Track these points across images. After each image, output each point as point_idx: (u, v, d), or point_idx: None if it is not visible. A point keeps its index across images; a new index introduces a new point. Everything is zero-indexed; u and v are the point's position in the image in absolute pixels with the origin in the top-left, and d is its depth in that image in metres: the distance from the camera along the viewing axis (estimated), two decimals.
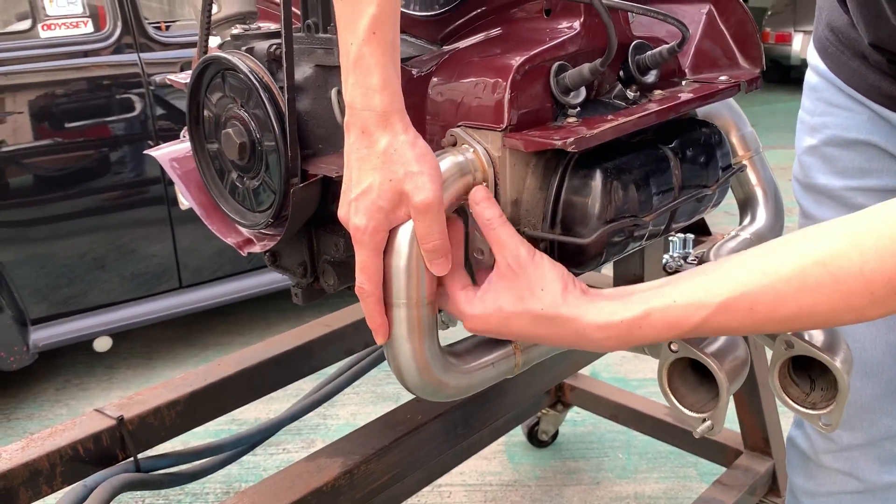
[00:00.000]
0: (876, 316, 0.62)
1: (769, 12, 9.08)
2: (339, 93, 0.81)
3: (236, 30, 0.97)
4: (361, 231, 0.70)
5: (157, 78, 2.75)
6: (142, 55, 2.76)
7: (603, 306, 0.69)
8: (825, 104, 1.09)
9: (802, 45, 8.31)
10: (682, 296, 0.66)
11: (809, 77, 1.13)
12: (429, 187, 0.68)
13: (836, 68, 1.06)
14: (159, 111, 2.81)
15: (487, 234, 0.73)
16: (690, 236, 1.11)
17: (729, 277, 0.65)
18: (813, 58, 1.12)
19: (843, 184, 1.07)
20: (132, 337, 3.18)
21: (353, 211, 0.71)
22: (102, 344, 2.85)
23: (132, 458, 1.14)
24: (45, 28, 2.67)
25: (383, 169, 0.69)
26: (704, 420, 0.80)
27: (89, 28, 2.72)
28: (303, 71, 0.90)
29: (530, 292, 0.70)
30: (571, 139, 0.69)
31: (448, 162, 0.73)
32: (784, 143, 2.34)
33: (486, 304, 0.72)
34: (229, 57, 0.89)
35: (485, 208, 0.72)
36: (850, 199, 1.07)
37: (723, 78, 0.88)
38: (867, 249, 0.59)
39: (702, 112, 0.97)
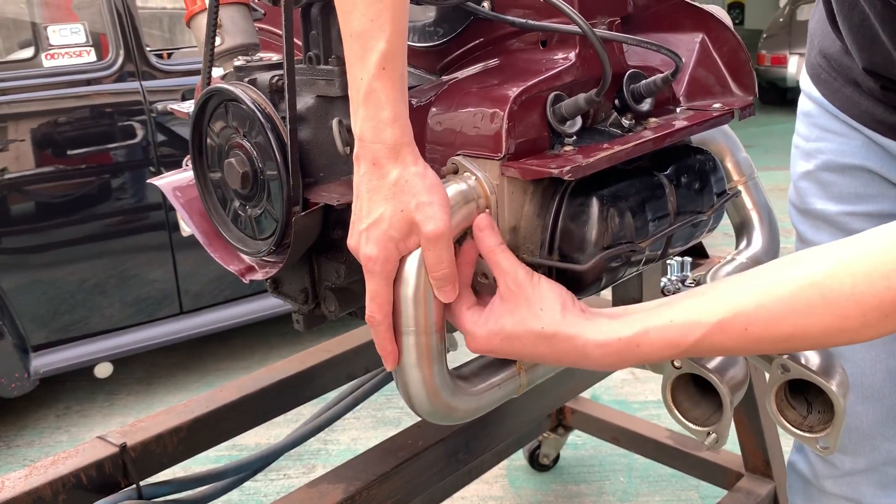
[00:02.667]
0: (871, 337, 0.63)
1: (764, 35, 9.15)
2: (341, 122, 0.82)
3: (239, 61, 0.99)
4: (373, 261, 0.71)
5: (159, 105, 2.78)
6: (144, 83, 2.79)
7: (602, 324, 0.70)
8: (819, 130, 1.10)
9: (798, 68, 8.37)
10: (679, 315, 0.67)
11: (803, 103, 1.15)
12: (439, 217, 0.70)
13: (830, 95, 1.07)
14: (160, 138, 2.83)
15: (488, 259, 0.74)
16: (688, 259, 1.12)
17: (724, 298, 0.66)
18: (806, 84, 1.13)
19: (839, 209, 1.08)
20: (133, 363, 3.18)
21: (364, 241, 0.72)
22: (103, 370, 2.84)
23: (134, 486, 1.14)
24: (49, 57, 2.70)
25: (394, 200, 0.70)
26: (709, 433, 0.81)
27: (92, 57, 2.75)
28: (304, 101, 0.91)
29: (530, 312, 0.71)
30: (568, 168, 0.71)
31: (453, 190, 0.74)
32: (781, 164, 2.36)
33: (489, 325, 0.73)
34: (232, 88, 0.91)
35: (486, 236, 0.74)
36: (847, 223, 1.07)
37: (716, 105, 0.89)
38: (858, 273, 0.61)
39: (696, 138, 0.99)
